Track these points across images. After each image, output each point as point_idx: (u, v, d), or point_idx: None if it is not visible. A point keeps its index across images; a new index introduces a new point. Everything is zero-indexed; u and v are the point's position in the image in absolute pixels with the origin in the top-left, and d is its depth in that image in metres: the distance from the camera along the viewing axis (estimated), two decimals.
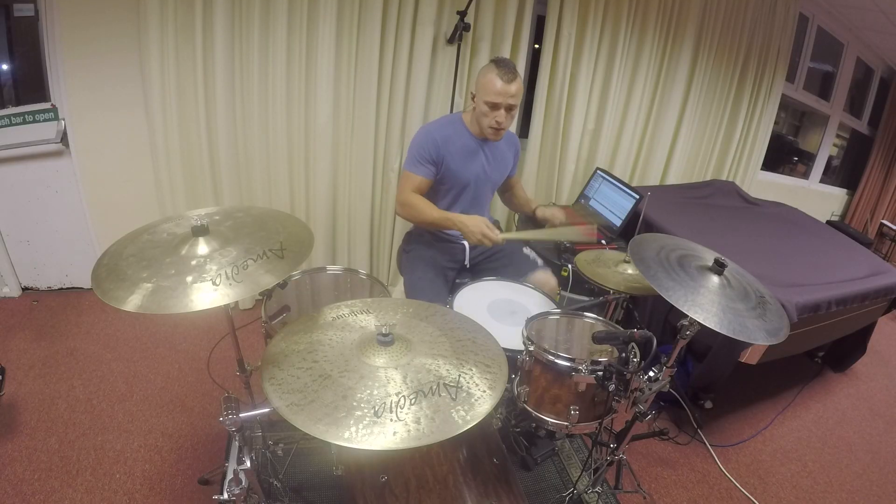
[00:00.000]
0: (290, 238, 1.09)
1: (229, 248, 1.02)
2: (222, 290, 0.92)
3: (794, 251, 2.43)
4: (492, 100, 1.64)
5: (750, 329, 1.12)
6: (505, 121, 1.69)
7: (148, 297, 0.90)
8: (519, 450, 1.76)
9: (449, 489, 1.07)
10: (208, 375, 2.03)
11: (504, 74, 1.62)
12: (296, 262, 1.04)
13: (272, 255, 1.02)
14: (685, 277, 1.19)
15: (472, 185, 1.83)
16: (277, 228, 1.13)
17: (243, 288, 0.94)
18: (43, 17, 2.03)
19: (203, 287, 0.92)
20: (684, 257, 1.27)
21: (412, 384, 0.92)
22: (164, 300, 0.89)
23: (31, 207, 2.33)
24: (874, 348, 2.83)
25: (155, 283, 0.92)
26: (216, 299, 0.91)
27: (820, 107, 4.02)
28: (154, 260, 0.98)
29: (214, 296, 0.91)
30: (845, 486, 1.95)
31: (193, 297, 0.90)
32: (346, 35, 2.20)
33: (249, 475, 1.04)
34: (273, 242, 1.06)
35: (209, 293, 0.91)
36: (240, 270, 0.97)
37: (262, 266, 0.99)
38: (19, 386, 1.91)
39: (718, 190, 3.09)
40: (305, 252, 1.08)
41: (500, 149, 1.86)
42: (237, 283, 0.94)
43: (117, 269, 0.97)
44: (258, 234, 1.09)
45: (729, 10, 2.85)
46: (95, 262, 0.99)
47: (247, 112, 2.25)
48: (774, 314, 1.22)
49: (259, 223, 1.14)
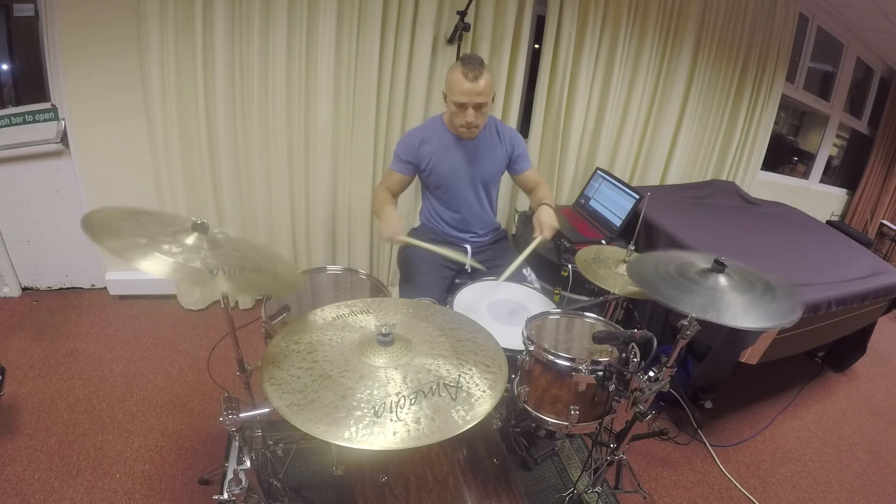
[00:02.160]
0: (278, 285, 1.11)
1: (225, 251, 1.03)
2: (219, 279, 0.93)
3: (794, 251, 2.42)
4: (458, 99, 1.63)
5: (761, 316, 1.12)
6: (475, 119, 1.67)
7: (133, 248, 0.89)
8: (519, 450, 1.76)
9: (449, 489, 1.07)
10: (208, 375, 2.03)
11: (469, 72, 1.57)
12: (281, 290, 1.07)
13: (266, 273, 1.05)
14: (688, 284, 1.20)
15: (453, 182, 1.85)
16: (272, 261, 1.14)
17: (235, 284, 0.95)
18: (43, 17, 2.03)
19: (194, 262, 0.93)
20: (682, 266, 1.28)
21: (412, 384, 0.92)
22: (151, 255, 0.89)
23: (31, 207, 2.33)
24: (874, 348, 2.83)
25: (147, 242, 0.92)
26: (195, 273, 0.91)
27: (820, 107, 4.01)
28: (149, 228, 0.99)
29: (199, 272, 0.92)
30: (845, 486, 1.95)
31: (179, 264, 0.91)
32: (346, 35, 2.20)
33: (249, 475, 1.04)
34: (267, 267, 1.08)
35: (199, 271, 0.92)
36: (236, 271, 0.97)
37: (253, 277, 1.01)
38: (19, 386, 1.91)
39: (718, 190, 3.09)
40: (292, 285, 1.12)
41: (485, 144, 1.85)
42: (231, 279, 0.95)
43: (110, 225, 0.96)
44: (252, 256, 1.10)
45: (729, 10, 2.85)
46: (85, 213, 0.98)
47: (247, 112, 2.25)
48: (785, 295, 1.21)
49: (257, 251, 1.15)
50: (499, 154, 1.90)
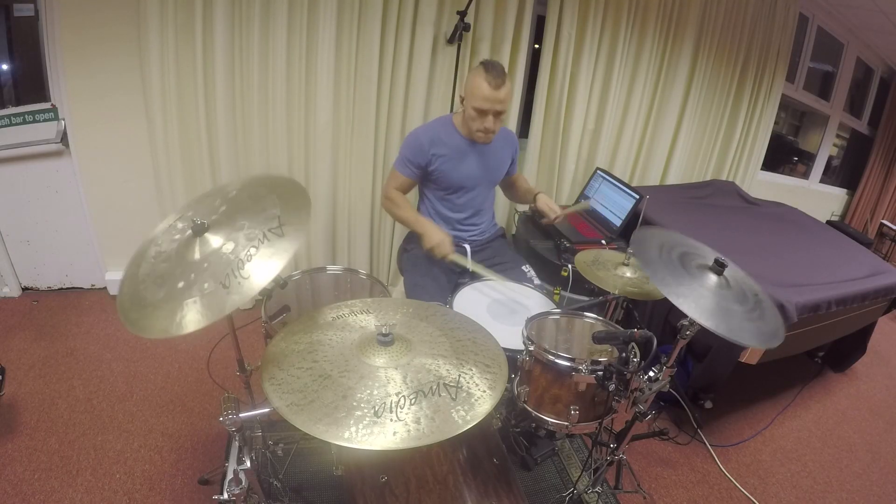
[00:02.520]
0: (285, 208, 1.04)
1: (229, 243, 0.98)
2: (233, 292, 0.91)
3: (795, 251, 2.42)
4: (479, 105, 1.62)
5: (745, 331, 1.12)
6: (494, 126, 1.67)
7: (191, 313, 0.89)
8: (519, 450, 1.76)
9: (449, 489, 1.07)
10: (208, 375, 2.03)
11: (493, 80, 1.57)
12: (297, 236, 0.98)
13: (272, 236, 0.98)
14: (685, 275, 1.19)
15: (465, 187, 1.83)
16: (271, 198, 1.07)
17: (250, 284, 0.92)
18: (43, 17, 2.03)
19: (215, 292, 0.91)
20: (685, 255, 1.27)
21: (412, 384, 0.92)
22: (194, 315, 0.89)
23: (31, 207, 2.33)
24: (874, 348, 2.83)
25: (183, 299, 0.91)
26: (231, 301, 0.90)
27: (820, 107, 4.02)
28: (168, 276, 0.97)
29: (229, 298, 0.90)
30: (845, 486, 1.95)
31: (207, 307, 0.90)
32: (346, 35, 2.20)
33: (249, 475, 1.04)
34: (270, 219, 1.01)
35: (221, 298, 0.90)
36: (244, 264, 0.93)
37: (265, 250, 0.96)
38: (19, 386, 1.91)
39: (718, 190, 3.09)
40: (304, 221, 1.02)
41: (494, 149, 1.84)
42: (244, 280, 0.92)
43: (138, 296, 0.95)
44: (254, 210, 1.04)
45: (729, 10, 2.85)
46: (117, 297, 0.98)
47: (247, 112, 2.24)
48: (771, 316, 1.22)
49: (252, 197, 1.09)
50: (503, 157, 1.91)
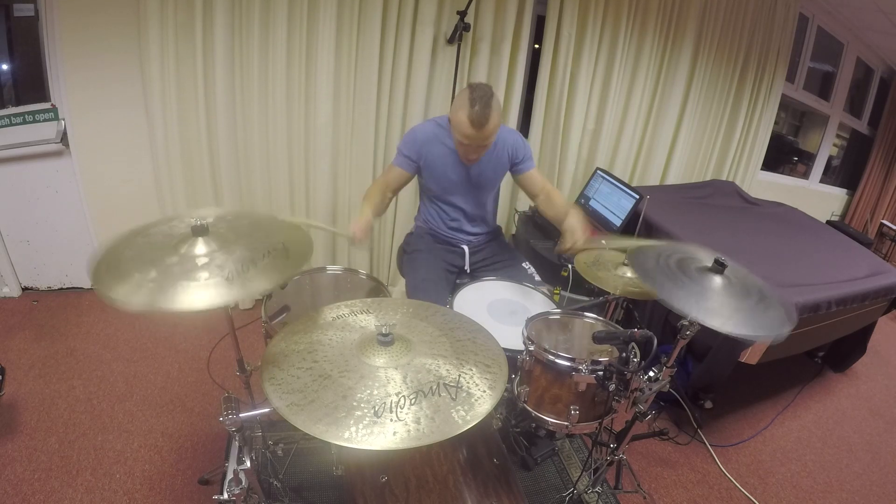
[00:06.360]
0: (290, 240, 1.09)
1: (233, 248, 1.01)
2: (236, 285, 0.92)
3: (794, 251, 2.42)
4: (462, 140, 1.60)
5: (758, 324, 1.10)
6: (477, 155, 1.66)
7: (153, 293, 0.89)
8: (519, 450, 1.76)
9: (449, 489, 1.07)
10: (208, 375, 2.04)
11: (476, 117, 1.48)
12: (300, 261, 1.03)
13: (277, 254, 1.02)
14: (688, 281, 1.19)
15: (454, 192, 1.82)
16: (275, 231, 1.12)
17: (255, 284, 0.94)
18: (43, 17, 2.03)
19: (215, 283, 0.92)
20: (683, 260, 1.27)
21: (412, 384, 0.92)
22: (172, 295, 0.89)
23: (31, 207, 2.33)
24: (874, 348, 2.84)
25: (158, 281, 0.91)
26: (224, 294, 0.90)
27: (820, 107, 4.02)
28: (157, 260, 0.97)
29: (224, 291, 0.91)
30: (845, 486, 1.95)
31: (201, 292, 0.90)
32: (346, 35, 2.20)
33: (249, 475, 1.04)
34: (274, 243, 1.05)
35: (220, 289, 0.91)
36: (249, 268, 0.96)
37: (269, 264, 0.99)
38: (19, 386, 1.91)
39: (718, 190, 3.09)
40: (307, 252, 1.08)
41: (486, 159, 1.78)
42: (248, 281, 0.93)
43: (119, 268, 0.96)
44: (256, 236, 1.08)
45: (729, 10, 2.85)
46: (93, 262, 0.97)
47: (247, 112, 2.25)
48: (776, 308, 1.21)
49: (255, 226, 1.14)
50: (500, 156, 1.83)
